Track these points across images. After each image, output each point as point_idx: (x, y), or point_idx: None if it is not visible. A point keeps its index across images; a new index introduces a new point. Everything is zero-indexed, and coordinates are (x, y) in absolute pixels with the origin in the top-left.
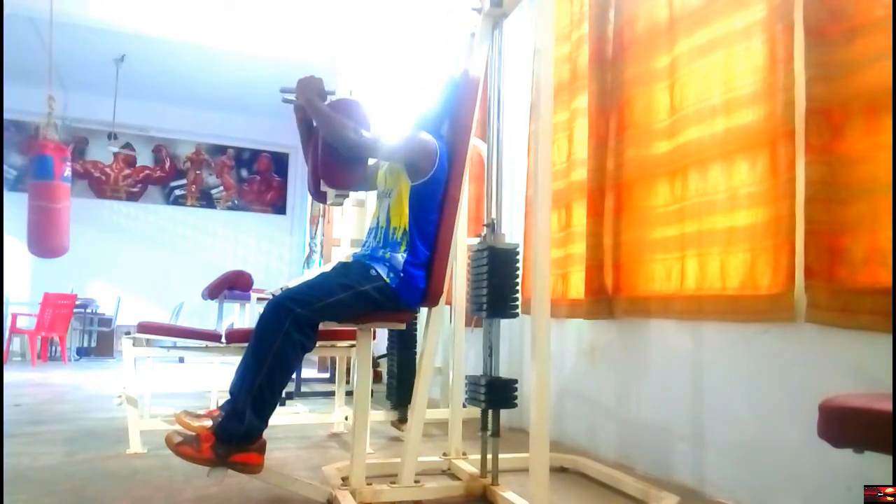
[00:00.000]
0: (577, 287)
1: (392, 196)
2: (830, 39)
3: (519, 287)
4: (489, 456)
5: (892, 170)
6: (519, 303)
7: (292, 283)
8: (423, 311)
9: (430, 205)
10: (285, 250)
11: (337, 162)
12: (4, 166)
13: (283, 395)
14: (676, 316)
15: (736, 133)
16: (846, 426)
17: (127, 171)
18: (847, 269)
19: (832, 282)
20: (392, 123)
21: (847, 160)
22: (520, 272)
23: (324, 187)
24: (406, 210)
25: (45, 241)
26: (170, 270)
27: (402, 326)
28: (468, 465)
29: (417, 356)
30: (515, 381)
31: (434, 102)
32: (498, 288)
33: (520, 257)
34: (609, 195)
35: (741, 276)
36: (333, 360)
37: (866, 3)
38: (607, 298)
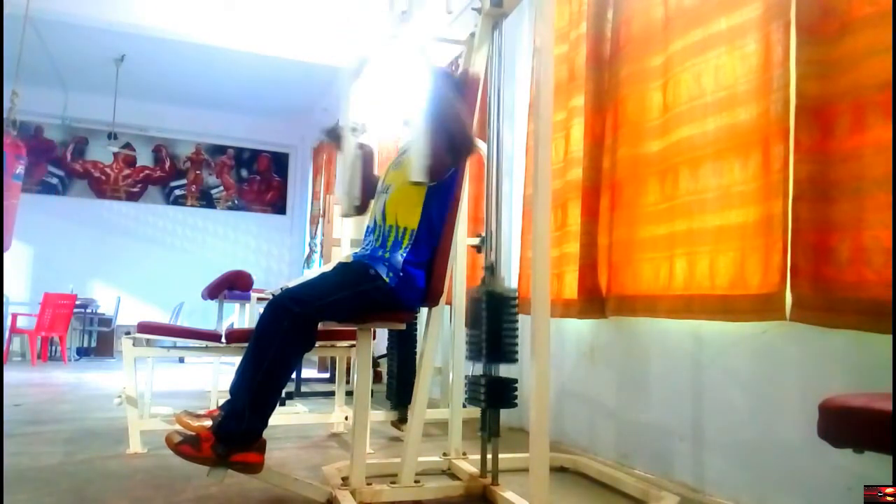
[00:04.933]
0: (571, 286)
1: (389, 192)
2: (822, 37)
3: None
4: (489, 456)
5: (893, 170)
6: (518, 351)
7: (292, 283)
8: (423, 311)
9: (445, 205)
10: (285, 250)
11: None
12: None
13: (283, 395)
14: (667, 315)
15: (728, 131)
16: (846, 426)
17: (127, 171)
18: (833, 268)
19: (818, 281)
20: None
21: (835, 158)
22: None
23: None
24: (405, 209)
25: None
26: (170, 270)
27: (402, 326)
28: (468, 465)
29: (417, 356)
30: (515, 381)
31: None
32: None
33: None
34: (604, 194)
35: (731, 276)
36: (333, 360)
37: (857, 0)
38: (600, 298)
